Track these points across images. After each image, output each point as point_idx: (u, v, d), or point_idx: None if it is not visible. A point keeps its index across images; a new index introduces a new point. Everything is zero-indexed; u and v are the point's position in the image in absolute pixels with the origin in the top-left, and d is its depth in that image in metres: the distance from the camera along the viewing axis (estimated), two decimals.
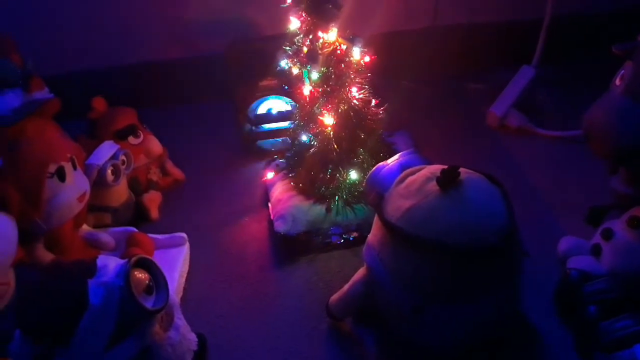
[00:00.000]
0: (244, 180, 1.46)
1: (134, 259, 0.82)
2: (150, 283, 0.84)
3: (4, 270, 0.89)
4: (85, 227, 1.15)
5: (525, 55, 1.60)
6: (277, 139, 1.52)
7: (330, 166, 1.17)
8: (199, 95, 1.72)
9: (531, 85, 1.57)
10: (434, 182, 0.82)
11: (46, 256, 1.02)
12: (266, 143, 1.53)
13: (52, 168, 0.98)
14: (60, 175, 1.00)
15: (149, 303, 0.81)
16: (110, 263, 0.82)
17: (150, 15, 1.60)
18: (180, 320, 0.91)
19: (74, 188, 1.03)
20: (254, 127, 1.52)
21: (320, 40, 1.09)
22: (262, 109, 1.51)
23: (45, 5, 1.55)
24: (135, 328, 0.81)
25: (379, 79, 1.18)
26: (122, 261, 0.82)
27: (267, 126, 1.52)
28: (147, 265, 0.85)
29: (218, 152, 1.56)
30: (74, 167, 1.05)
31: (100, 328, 0.78)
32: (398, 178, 0.88)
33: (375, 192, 0.89)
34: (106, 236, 1.14)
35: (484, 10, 1.80)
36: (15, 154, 0.94)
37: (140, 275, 0.83)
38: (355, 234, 1.18)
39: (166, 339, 0.86)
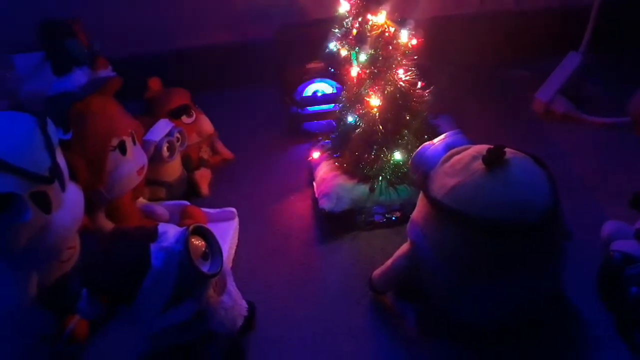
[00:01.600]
0: (289, 161, 1.51)
1: (192, 226, 0.87)
2: (206, 250, 0.89)
3: (73, 235, 0.96)
4: (141, 199, 1.22)
5: (573, 42, 1.59)
6: (322, 121, 1.56)
7: (375, 147, 1.20)
8: (248, 79, 1.78)
9: (578, 72, 1.55)
10: (480, 161, 0.84)
11: (107, 225, 1.09)
12: (311, 125, 1.58)
13: (115, 142, 1.05)
14: (122, 148, 1.07)
15: (205, 268, 0.86)
16: (170, 230, 0.88)
17: (204, 1, 1.67)
18: (232, 286, 0.96)
19: (133, 161, 1.10)
20: (299, 110, 1.56)
21: (369, 23, 1.12)
22: (308, 92, 1.55)
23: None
24: (192, 291, 0.86)
25: (426, 62, 1.20)
26: (181, 228, 0.88)
27: (312, 108, 1.56)
28: (203, 233, 0.90)
29: (265, 133, 1.62)
30: (134, 142, 1.11)
31: (160, 289, 0.83)
32: (444, 157, 0.91)
33: (421, 170, 0.92)
34: (161, 208, 1.21)
35: None
36: (82, 127, 1.01)
37: (197, 242, 0.88)
38: (398, 214, 1.21)
39: (220, 302, 0.91)
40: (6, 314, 0.96)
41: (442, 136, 0.96)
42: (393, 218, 1.21)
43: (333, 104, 1.53)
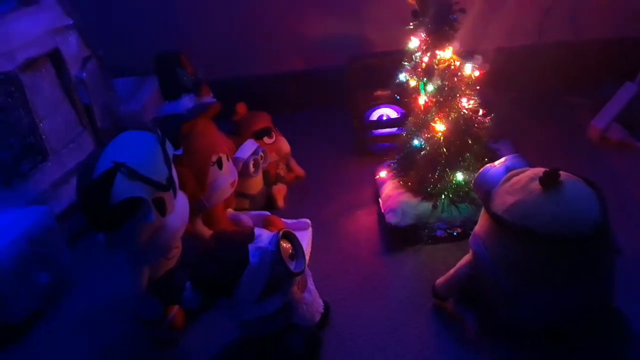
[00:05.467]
0: (356, 179, 1.65)
1: (282, 231, 1.02)
2: (292, 252, 1.03)
3: (179, 236, 1.13)
4: (229, 209, 1.39)
5: (631, 71, 1.65)
6: (387, 143, 1.70)
7: (439, 168, 1.32)
8: (320, 103, 1.95)
9: (634, 101, 1.62)
10: (537, 182, 0.95)
11: (204, 230, 1.25)
12: (376, 146, 1.72)
13: (214, 158, 1.22)
14: (219, 164, 1.24)
15: (292, 266, 1.00)
16: (263, 233, 1.03)
17: (282, 33, 1.86)
18: (312, 285, 1.10)
19: (228, 175, 1.27)
20: (366, 132, 1.71)
21: (437, 57, 1.25)
22: (374, 116, 1.69)
23: (205, 29, 1.85)
24: (280, 286, 1.00)
25: (488, 90, 1.31)
26: (272, 232, 1.03)
27: (378, 131, 1.70)
28: (290, 237, 1.04)
29: (333, 153, 1.77)
30: (228, 159, 1.28)
31: (255, 283, 0.97)
32: (504, 177, 1.02)
33: (484, 189, 1.04)
34: (246, 217, 1.37)
35: (589, 27, 1.88)
36: (189, 145, 1.18)
37: (285, 244, 1.02)
38: (459, 230, 1.31)
39: (302, 298, 1.05)
40: (123, 300, 1.14)
41: (502, 159, 1.08)
42: (454, 233, 1.31)
43: (397, 128, 1.66)
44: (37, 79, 1.47)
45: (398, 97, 1.50)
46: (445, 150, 1.30)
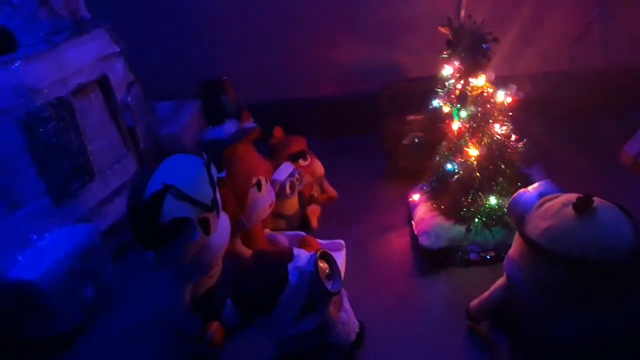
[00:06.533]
0: (389, 201, 1.68)
1: (319, 251, 1.05)
2: (329, 272, 1.06)
3: (221, 255, 1.18)
4: (266, 229, 1.43)
5: None
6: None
7: (472, 191, 1.34)
8: (354, 127, 2.00)
9: None
10: (570, 207, 0.97)
11: (243, 249, 1.30)
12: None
13: (254, 180, 1.28)
14: (259, 186, 1.29)
15: (329, 286, 1.04)
16: (301, 253, 1.07)
17: (318, 60, 1.92)
18: (347, 305, 1.13)
19: (266, 197, 1.31)
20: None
21: (470, 84, 1.28)
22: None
23: (244, 56, 1.94)
24: (317, 305, 1.04)
25: (521, 116, 1.34)
26: (310, 252, 1.07)
27: None
28: (327, 258, 1.08)
29: (367, 175, 1.81)
30: (266, 181, 1.33)
31: (294, 302, 1.01)
32: (537, 203, 1.04)
33: (517, 213, 1.06)
34: (282, 237, 1.41)
35: (620, 53, 1.89)
36: (231, 168, 1.24)
37: (323, 264, 1.05)
38: (492, 253, 1.33)
39: (339, 317, 1.09)
40: (163, 315, 1.19)
41: (535, 184, 1.10)
42: (488, 257, 1.33)
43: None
44: (87, 103, 1.55)
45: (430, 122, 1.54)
46: (478, 174, 1.33)
